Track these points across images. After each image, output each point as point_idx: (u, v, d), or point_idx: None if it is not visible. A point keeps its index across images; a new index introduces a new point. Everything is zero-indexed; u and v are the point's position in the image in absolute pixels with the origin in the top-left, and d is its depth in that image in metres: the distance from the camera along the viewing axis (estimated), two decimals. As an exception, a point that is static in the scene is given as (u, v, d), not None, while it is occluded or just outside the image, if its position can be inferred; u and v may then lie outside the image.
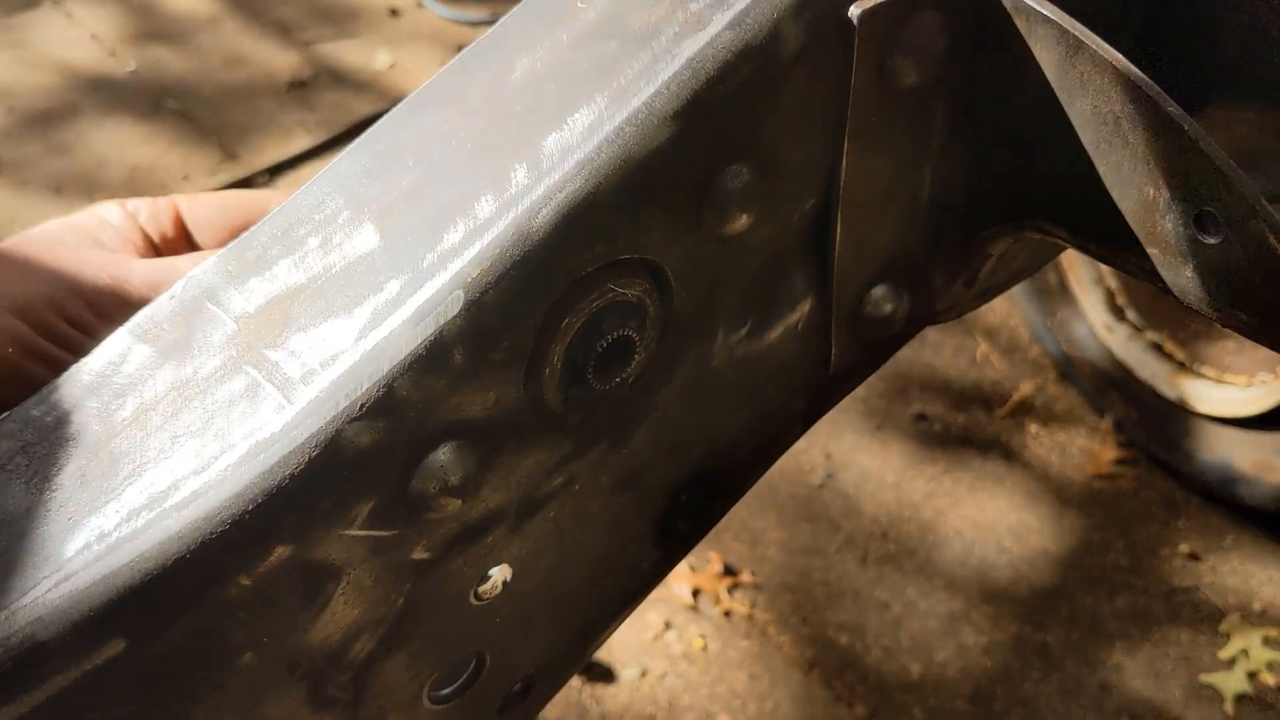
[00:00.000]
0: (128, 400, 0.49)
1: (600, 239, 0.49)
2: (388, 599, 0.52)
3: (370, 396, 0.46)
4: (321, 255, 0.50)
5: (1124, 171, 0.49)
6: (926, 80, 0.53)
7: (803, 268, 0.57)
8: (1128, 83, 0.46)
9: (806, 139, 0.53)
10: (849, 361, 0.62)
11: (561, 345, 0.50)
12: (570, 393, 0.52)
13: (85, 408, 0.49)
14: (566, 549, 0.58)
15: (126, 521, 0.45)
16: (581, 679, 2.06)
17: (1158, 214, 0.48)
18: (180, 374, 0.48)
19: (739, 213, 0.52)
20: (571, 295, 0.49)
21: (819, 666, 2.11)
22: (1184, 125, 0.44)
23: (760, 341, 0.59)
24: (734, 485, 0.64)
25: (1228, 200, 0.45)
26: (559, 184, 0.47)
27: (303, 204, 0.52)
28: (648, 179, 0.48)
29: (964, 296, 0.63)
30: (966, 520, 2.33)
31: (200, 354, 0.49)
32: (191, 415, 0.47)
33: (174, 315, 0.50)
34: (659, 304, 0.52)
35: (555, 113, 0.49)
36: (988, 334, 2.67)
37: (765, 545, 2.28)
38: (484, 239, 0.47)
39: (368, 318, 0.47)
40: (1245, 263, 0.45)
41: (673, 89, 0.48)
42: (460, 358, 0.47)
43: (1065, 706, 2.08)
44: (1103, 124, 0.49)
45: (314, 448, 0.46)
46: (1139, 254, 0.50)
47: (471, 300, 0.47)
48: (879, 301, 0.60)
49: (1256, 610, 2.21)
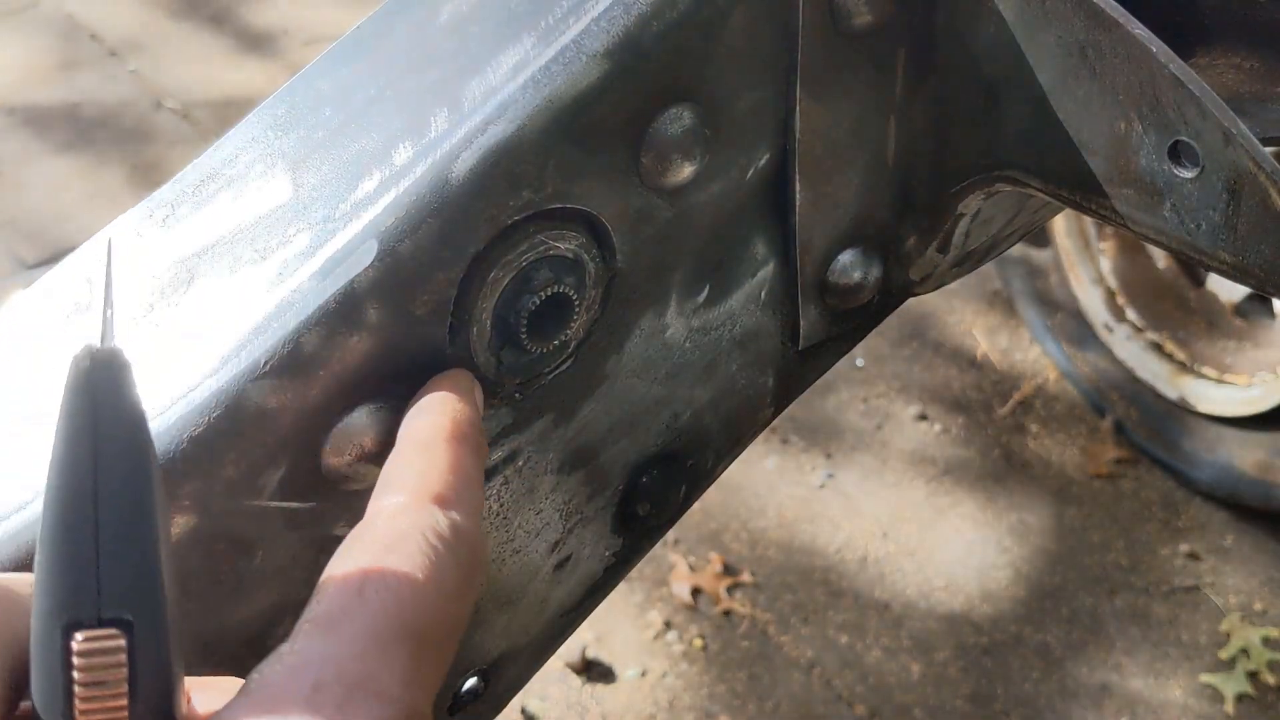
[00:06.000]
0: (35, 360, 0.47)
1: (526, 185, 0.46)
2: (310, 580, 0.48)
3: (275, 354, 0.44)
4: (232, 210, 0.47)
5: (1093, 107, 0.47)
6: (881, 20, 0.51)
7: (763, 230, 0.55)
8: (1092, 6, 0.45)
9: (754, 83, 0.51)
10: (819, 334, 0.59)
11: (490, 301, 0.47)
12: (503, 356, 0.49)
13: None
14: (514, 532, 0.55)
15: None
16: (582, 679, 2.06)
17: (1130, 150, 0.46)
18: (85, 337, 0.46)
19: (681, 160, 0.50)
20: (497, 246, 0.46)
21: (819, 666, 2.10)
22: (1152, 48, 0.43)
23: (720, 310, 0.56)
24: (701, 469, 0.60)
25: (1202, 127, 0.43)
26: (479, 126, 0.45)
27: (215, 158, 0.49)
28: (577, 121, 0.46)
29: (940, 264, 0.60)
30: (966, 520, 2.33)
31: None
32: None
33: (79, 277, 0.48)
34: (599, 260, 0.50)
35: (480, 56, 0.47)
36: (988, 334, 2.67)
37: (765, 545, 2.27)
38: (400, 186, 0.45)
39: (275, 272, 0.45)
40: (1225, 195, 0.44)
41: (603, 25, 0.46)
42: (375, 312, 0.45)
43: (1065, 706, 2.07)
44: (1068, 55, 0.47)
45: (214, 409, 0.43)
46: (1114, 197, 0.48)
47: (385, 250, 0.44)
48: (847, 268, 0.57)
49: (1256, 610, 2.20)
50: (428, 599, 0.37)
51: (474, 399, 0.46)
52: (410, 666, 0.36)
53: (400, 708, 0.35)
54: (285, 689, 0.34)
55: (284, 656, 0.35)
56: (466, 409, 0.45)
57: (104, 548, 0.32)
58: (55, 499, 0.32)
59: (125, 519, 0.33)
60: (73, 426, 0.32)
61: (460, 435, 0.43)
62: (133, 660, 0.33)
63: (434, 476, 0.41)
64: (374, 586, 0.37)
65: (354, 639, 0.36)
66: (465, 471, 0.42)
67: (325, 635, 0.36)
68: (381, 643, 0.36)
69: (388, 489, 0.41)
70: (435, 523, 0.39)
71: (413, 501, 0.40)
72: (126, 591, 0.33)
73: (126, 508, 0.33)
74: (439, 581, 0.38)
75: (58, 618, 0.32)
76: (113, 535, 0.33)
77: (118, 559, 0.33)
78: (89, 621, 0.32)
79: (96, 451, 0.32)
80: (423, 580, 0.38)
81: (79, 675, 0.32)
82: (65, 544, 0.32)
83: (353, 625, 0.36)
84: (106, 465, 0.33)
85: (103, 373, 0.33)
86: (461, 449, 0.43)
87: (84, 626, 0.32)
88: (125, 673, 0.33)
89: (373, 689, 0.35)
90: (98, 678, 0.32)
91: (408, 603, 0.37)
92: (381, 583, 0.37)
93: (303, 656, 0.35)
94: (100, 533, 0.32)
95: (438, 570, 0.38)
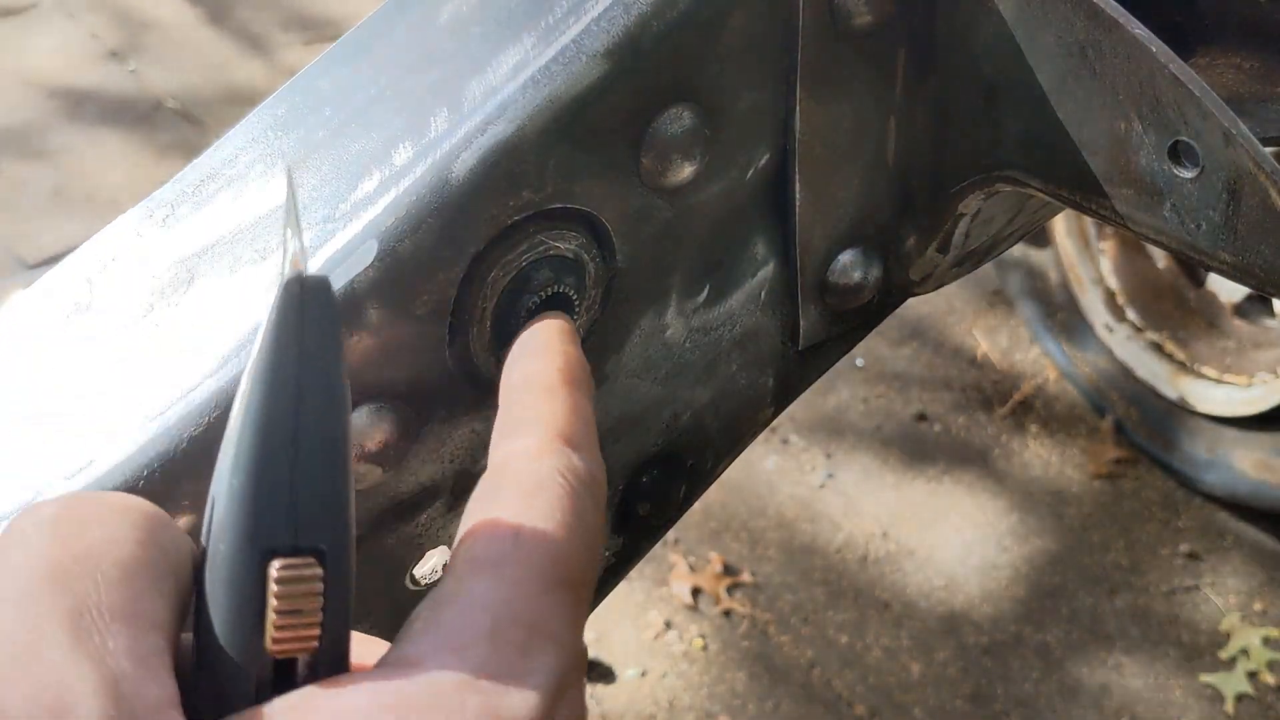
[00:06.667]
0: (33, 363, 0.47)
1: (526, 185, 0.46)
2: None
3: None
4: (232, 210, 0.47)
5: (1093, 106, 0.47)
6: (881, 20, 0.51)
7: (763, 230, 0.55)
8: (1092, 6, 0.45)
9: (754, 83, 0.51)
10: (819, 334, 0.59)
11: (490, 301, 0.47)
12: (502, 356, 0.48)
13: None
14: None
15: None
16: (581, 679, 2.06)
17: (1130, 150, 0.46)
18: (85, 337, 0.46)
19: (681, 161, 0.50)
20: (497, 246, 0.47)
21: (819, 666, 2.10)
22: (1152, 48, 0.43)
23: (720, 310, 0.56)
24: (701, 469, 0.60)
25: (1202, 127, 0.43)
26: (479, 126, 0.45)
27: (215, 158, 0.49)
28: (577, 121, 0.46)
29: (940, 264, 0.60)
30: (966, 520, 2.33)
31: (103, 317, 0.47)
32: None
33: (80, 278, 0.48)
34: (599, 261, 0.50)
35: (481, 55, 0.47)
36: (988, 334, 2.67)
37: (765, 545, 2.27)
38: (400, 186, 0.45)
39: (275, 271, 0.45)
40: (1225, 195, 0.44)
41: (603, 25, 0.46)
42: (375, 312, 0.45)
43: (1065, 706, 2.07)
44: (1068, 56, 0.47)
45: (214, 409, 0.43)
46: (1114, 197, 0.48)
47: (385, 250, 0.44)
48: (847, 268, 0.57)
49: (1256, 610, 2.20)
50: (577, 541, 0.37)
51: (577, 341, 0.46)
52: (573, 610, 0.36)
53: (572, 651, 0.35)
54: (464, 630, 0.34)
55: (454, 597, 0.35)
56: (574, 351, 0.45)
57: (301, 476, 0.32)
58: (256, 424, 0.32)
59: (322, 450, 0.32)
60: (279, 352, 0.32)
61: (574, 378, 0.44)
62: (325, 591, 0.33)
63: (561, 418, 0.41)
64: (528, 530, 0.37)
65: (522, 581, 0.35)
66: (585, 413, 0.43)
67: (493, 578, 0.35)
68: (547, 587, 0.36)
69: (516, 432, 0.41)
70: (572, 464, 0.39)
71: (546, 444, 0.40)
72: (321, 522, 0.32)
73: (324, 440, 0.32)
74: (583, 524, 0.38)
75: (255, 542, 0.32)
76: (310, 465, 0.32)
77: (314, 489, 0.32)
78: (285, 549, 0.32)
79: (300, 381, 0.32)
80: (572, 522, 0.37)
81: (277, 602, 0.32)
82: (264, 469, 0.32)
83: (516, 569, 0.36)
84: (309, 397, 0.32)
85: (312, 300, 0.32)
86: (578, 391, 0.43)
87: (280, 554, 0.32)
88: (320, 602, 0.32)
89: (548, 632, 0.35)
90: (295, 605, 0.32)
91: (562, 545, 0.37)
92: (535, 528, 0.37)
93: (476, 598, 0.35)
94: (297, 462, 0.32)
95: (580, 513, 0.38)
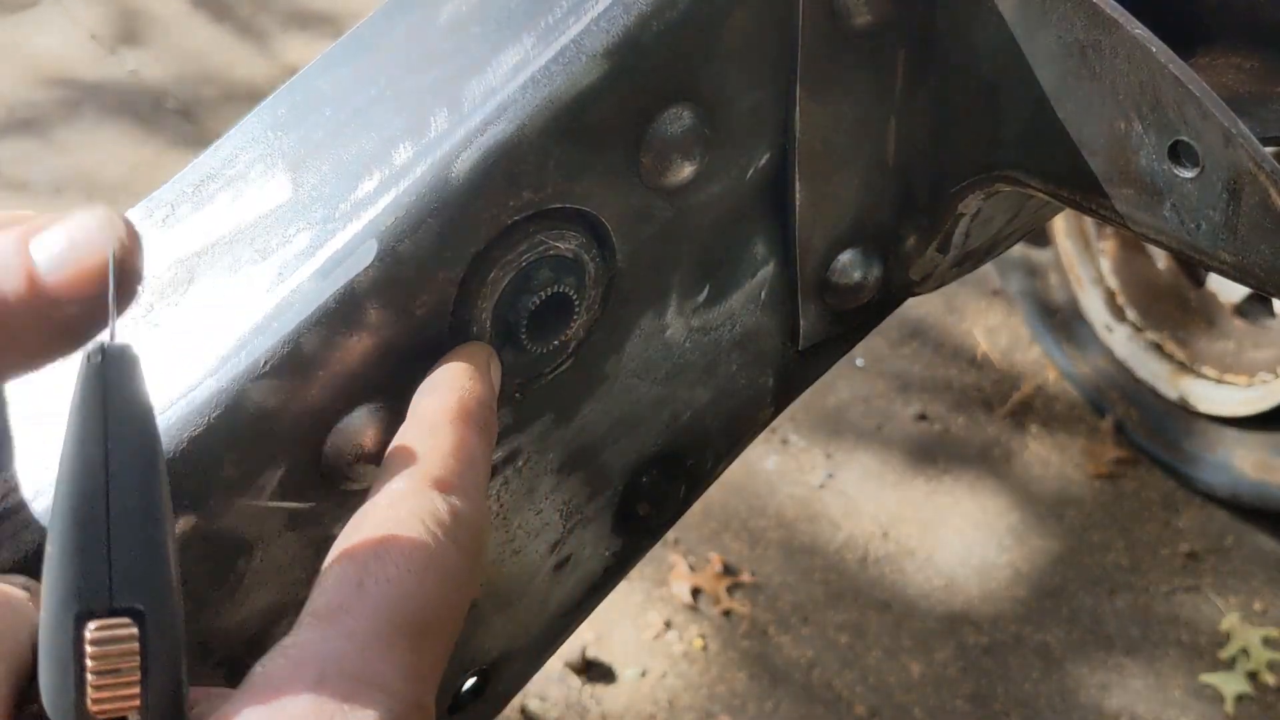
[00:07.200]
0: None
1: (526, 185, 0.46)
2: (310, 580, 0.47)
3: (275, 354, 0.43)
4: (231, 210, 0.47)
5: (1093, 106, 0.47)
6: (881, 20, 0.51)
7: (763, 230, 0.55)
8: (1092, 6, 0.45)
9: (754, 83, 0.51)
10: (819, 334, 0.59)
11: (490, 301, 0.47)
12: (504, 355, 0.49)
13: None
14: (513, 532, 0.55)
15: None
16: (582, 679, 2.06)
17: (1130, 150, 0.46)
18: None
19: (681, 161, 0.50)
20: (498, 246, 0.46)
21: (819, 666, 2.10)
22: (1152, 48, 0.42)
23: (720, 310, 0.56)
24: (701, 469, 0.60)
25: (1202, 127, 0.43)
26: (479, 126, 0.45)
27: (215, 158, 0.49)
28: (577, 121, 0.46)
29: (940, 264, 0.60)
30: (966, 520, 2.33)
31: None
32: None
33: None
34: (599, 261, 0.50)
35: (480, 55, 0.47)
36: (988, 334, 2.67)
37: (765, 545, 2.27)
38: (400, 186, 0.45)
39: (275, 271, 0.45)
40: (1225, 195, 0.43)
41: (603, 25, 0.46)
42: (375, 312, 0.45)
43: (1065, 706, 2.07)
44: (1068, 55, 0.47)
45: (214, 409, 0.43)
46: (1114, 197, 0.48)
47: (385, 250, 0.44)
48: (847, 268, 0.57)
49: (1256, 610, 2.20)
50: (428, 589, 0.37)
51: (488, 374, 0.45)
52: (412, 659, 0.36)
53: (403, 701, 0.35)
54: (290, 682, 0.34)
55: (287, 650, 0.35)
56: (477, 386, 0.44)
57: (116, 539, 0.33)
58: (67, 491, 0.33)
59: (136, 511, 0.33)
60: (85, 420, 0.33)
61: (466, 415, 0.42)
62: (145, 650, 0.33)
63: (435, 459, 0.40)
64: (373, 578, 0.36)
65: (355, 632, 0.35)
66: (469, 453, 0.41)
67: (327, 628, 0.36)
68: (383, 636, 0.36)
69: (388, 472, 0.41)
70: (435, 509, 0.39)
71: (413, 487, 0.39)
72: (138, 582, 0.33)
73: (137, 501, 0.33)
74: (440, 570, 0.37)
75: (70, 607, 0.32)
76: (124, 527, 0.33)
77: (129, 550, 0.33)
78: (101, 611, 0.33)
79: (108, 445, 0.33)
80: (422, 570, 0.37)
81: (92, 663, 0.32)
82: (77, 534, 0.32)
83: (353, 618, 0.36)
84: (118, 459, 0.33)
85: (114, 367, 0.33)
86: (467, 429, 0.42)
87: (96, 616, 0.32)
88: (139, 661, 0.33)
89: (376, 683, 0.35)
90: (111, 665, 0.32)
91: (408, 594, 0.36)
92: (381, 574, 0.37)
93: (306, 650, 0.35)
94: (112, 524, 0.33)
95: (438, 559, 0.37)
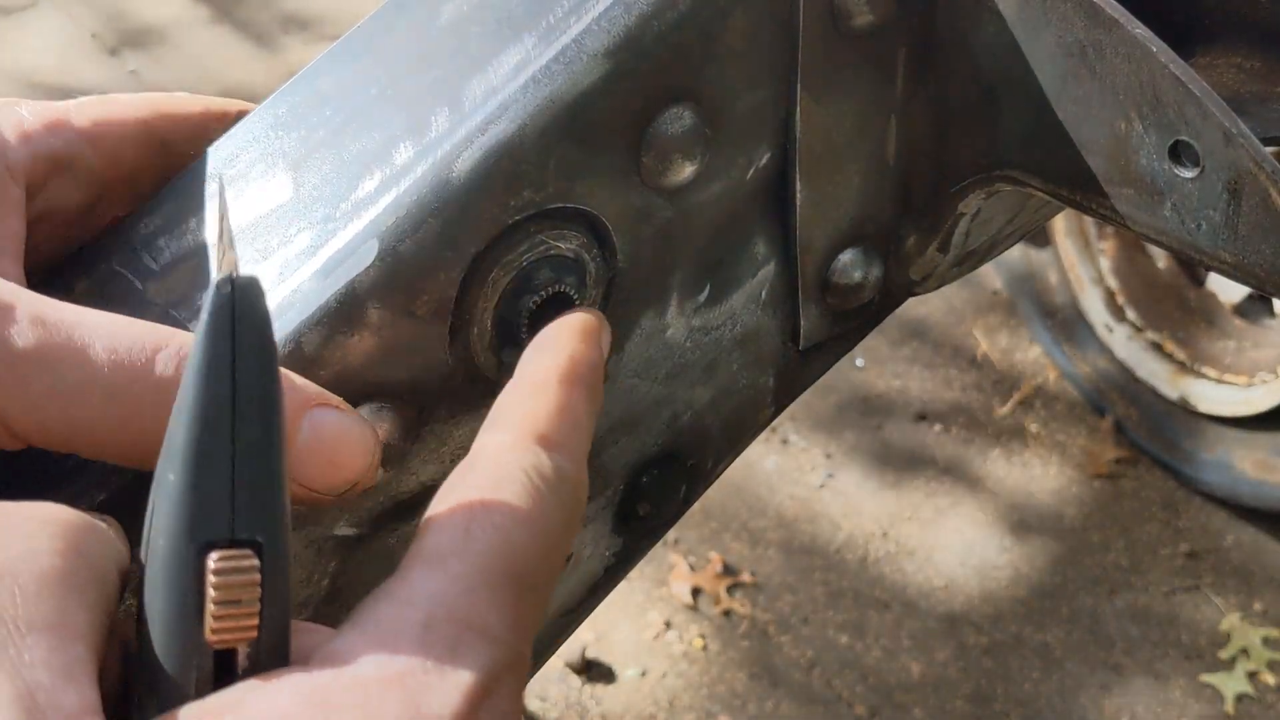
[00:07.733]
0: None
1: (527, 185, 0.46)
2: (310, 579, 0.49)
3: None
4: (232, 210, 0.47)
5: (1093, 106, 0.47)
6: (881, 20, 0.51)
7: (764, 230, 0.55)
8: (1092, 6, 0.45)
9: (755, 83, 0.51)
10: (820, 334, 0.59)
11: (490, 301, 0.47)
12: (504, 355, 0.49)
13: None
14: None
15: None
16: (582, 679, 2.06)
17: (1130, 150, 0.46)
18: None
19: (682, 160, 0.50)
20: (498, 246, 0.47)
21: (819, 666, 2.10)
22: (1152, 47, 0.43)
23: (720, 309, 0.56)
24: (701, 469, 0.60)
25: (1202, 127, 0.43)
26: (480, 126, 0.45)
27: (216, 159, 0.49)
28: (578, 121, 0.46)
29: (940, 264, 0.60)
30: (966, 520, 2.33)
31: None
32: None
33: (80, 277, 0.48)
34: (599, 260, 0.50)
35: (481, 55, 0.47)
36: (988, 334, 2.67)
37: (765, 545, 2.27)
38: (400, 185, 0.45)
39: (276, 271, 0.45)
40: (1225, 195, 0.43)
41: (603, 25, 0.46)
42: (376, 312, 0.45)
43: (1065, 706, 2.07)
44: (1068, 56, 0.47)
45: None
46: (1114, 196, 0.48)
47: (386, 250, 0.44)
48: (848, 268, 0.57)
49: (1256, 610, 2.21)
50: (532, 541, 0.37)
51: (598, 340, 0.46)
52: (517, 609, 0.36)
53: (508, 650, 0.35)
54: (397, 624, 0.34)
55: (394, 592, 0.35)
56: (587, 349, 0.44)
57: (239, 471, 0.33)
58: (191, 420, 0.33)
59: (258, 445, 0.33)
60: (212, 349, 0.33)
61: (575, 376, 0.43)
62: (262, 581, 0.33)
63: (541, 417, 0.41)
64: (480, 525, 0.37)
65: (462, 577, 0.35)
66: (574, 414, 0.42)
67: (434, 572, 0.35)
68: (490, 583, 0.36)
69: (494, 426, 0.41)
70: (540, 463, 0.39)
71: (517, 440, 0.40)
72: (257, 515, 0.33)
73: (260, 434, 0.33)
74: (543, 524, 0.38)
75: (193, 536, 0.33)
76: (246, 459, 0.33)
77: (250, 483, 0.33)
78: (222, 542, 0.33)
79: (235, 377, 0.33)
80: (527, 522, 0.37)
81: (214, 593, 0.33)
82: (203, 464, 0.33)
83: (461, 563, 0.36)
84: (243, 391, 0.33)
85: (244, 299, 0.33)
86: (574, 391, 0.42)
87: (218, 546, 0.33)
88: (259, 592, 0.33)
89: (482, 629, 0.35)
90: (234, 596, 0.33)
91: (514, 543, 0.37)
92: (488, 521, 0.37)
93: (413, 592, 0.35)
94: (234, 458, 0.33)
95: (542, 513, 0.38)
